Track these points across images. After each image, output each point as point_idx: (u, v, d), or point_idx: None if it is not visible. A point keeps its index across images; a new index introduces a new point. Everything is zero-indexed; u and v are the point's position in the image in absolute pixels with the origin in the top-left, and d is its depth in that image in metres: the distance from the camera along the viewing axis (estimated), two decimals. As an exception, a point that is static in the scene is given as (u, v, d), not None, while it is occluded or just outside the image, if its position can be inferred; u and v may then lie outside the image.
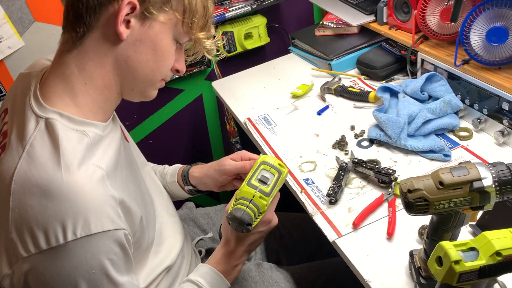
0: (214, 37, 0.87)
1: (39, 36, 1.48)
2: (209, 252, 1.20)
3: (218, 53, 0.91)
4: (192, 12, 0.79)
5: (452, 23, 1.19)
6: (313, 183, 1.15)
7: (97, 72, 0.79)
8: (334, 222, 1.02)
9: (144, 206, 0.90)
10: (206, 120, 1.97)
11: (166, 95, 1.83)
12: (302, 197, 1.11)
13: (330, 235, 1.00)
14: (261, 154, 1.01)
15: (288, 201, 1.17)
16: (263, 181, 0.92)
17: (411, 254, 0.87)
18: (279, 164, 0.95)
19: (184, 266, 1.05)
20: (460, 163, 0.76)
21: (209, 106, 1.94)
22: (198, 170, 1.14)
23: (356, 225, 0.99)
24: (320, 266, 1.20)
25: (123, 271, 0.76)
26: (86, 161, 0.74)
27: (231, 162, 1.07)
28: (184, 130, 1.94)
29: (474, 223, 0.87)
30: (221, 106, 1.94)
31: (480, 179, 0.69)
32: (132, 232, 0.81)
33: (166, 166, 1.22)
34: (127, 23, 0.75)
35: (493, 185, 0.69)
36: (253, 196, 0.90)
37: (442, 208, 0.72)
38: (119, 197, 0.76)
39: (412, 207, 0.72)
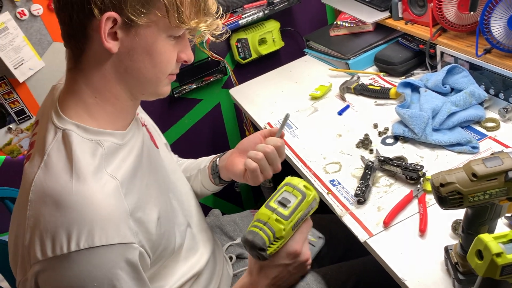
0: (217, 16, 0.80)
1: (58, 56, 1.50)
2: (239, 257, 1.20)
3: (222, 31, 0.84)
4: (175, 6, 0.74)
5: (471, 13, 1.17)
6: (339, 184, 1.13)
7: (103, 86, 0.79)
8: (364, 222, 1.01)
9: (170, 212, 0.89)
10: (225, 128, 1.97)
11: (184, 106, 1.84)
12: (329, 199, 1.10)
13: (361, 235, 0.98)
14: (288, 176, 0.92)
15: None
16: (283, 203, 0.83)
17: (446, 249, 0.85)
18: (304, 186, 0.86)
19: (216, 272, 1.04)
20: (492, 153, 0.74)
21: (227, 114, 1.94)
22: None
23: (386, 223, 0.98)
24: (350, 266, 1.18)
25: (130, 286, 0.74)
26: (101, 170, 0.74)
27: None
28: (204, 139, 1.94)
29: (510, 214, 0.85)
30: (239, 114, 1.94)
31: None
32: (149, 241, 0.79)
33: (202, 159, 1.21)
34: (115, 35, 0.74)
35: None
36: (269, 218, 0.82)
37: (477, 200, 0.70)
38: (131, 208, 0.75)
39: (446, 201, 0.71)
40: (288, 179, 0.89)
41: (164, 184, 0.92)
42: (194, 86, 1.75)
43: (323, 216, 1.37)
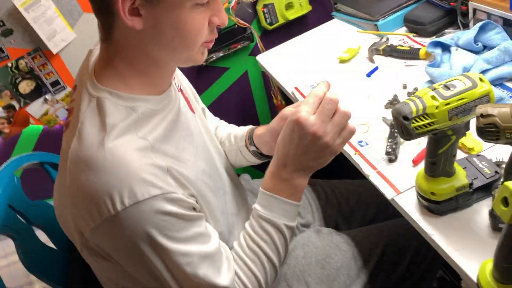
0: None
1: (89, 27, 1.54)
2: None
3: None
4: None
5: (505, -35, 1.12)
6: (367, 144, 1.13)
7: (135, 58, 0.79)
8: (391, 180, 1.01)
9: (206, 177, 0.90)
10: (253, 96, 1.98)
11: (212, 75, 1.85)
12: (357, 159, 1.10)
13: (388, 194, 0.98)
14: None
15: (343, 168, 1.17)
16: (447, 87, 0.77)
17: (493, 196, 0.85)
18: (479, 78, 0.78)
19: None
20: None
21: (255, 82, 1.95)
22: (261, 127, 1.07)
23: (416, 162, 1.00)
24: (381, 228, 1.19)
25: (183, 228, 0.77)
26: (131, 134, 0.76)
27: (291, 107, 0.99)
28: (232, 108, 1.96)
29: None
30: (267, 81, 1.94)
31: None
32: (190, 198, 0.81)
33: (239, 128, 1.17)
34: (137, 11, 0.72)
35: None
36: (425, 94, 0.76)
37: None
38: (167, 166, 0.76)
39: (483, 133, 0.71)
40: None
41: (200, 149, 0.93)
42: (221, 54, 1.76)
43: (352, 181, 1.38)
